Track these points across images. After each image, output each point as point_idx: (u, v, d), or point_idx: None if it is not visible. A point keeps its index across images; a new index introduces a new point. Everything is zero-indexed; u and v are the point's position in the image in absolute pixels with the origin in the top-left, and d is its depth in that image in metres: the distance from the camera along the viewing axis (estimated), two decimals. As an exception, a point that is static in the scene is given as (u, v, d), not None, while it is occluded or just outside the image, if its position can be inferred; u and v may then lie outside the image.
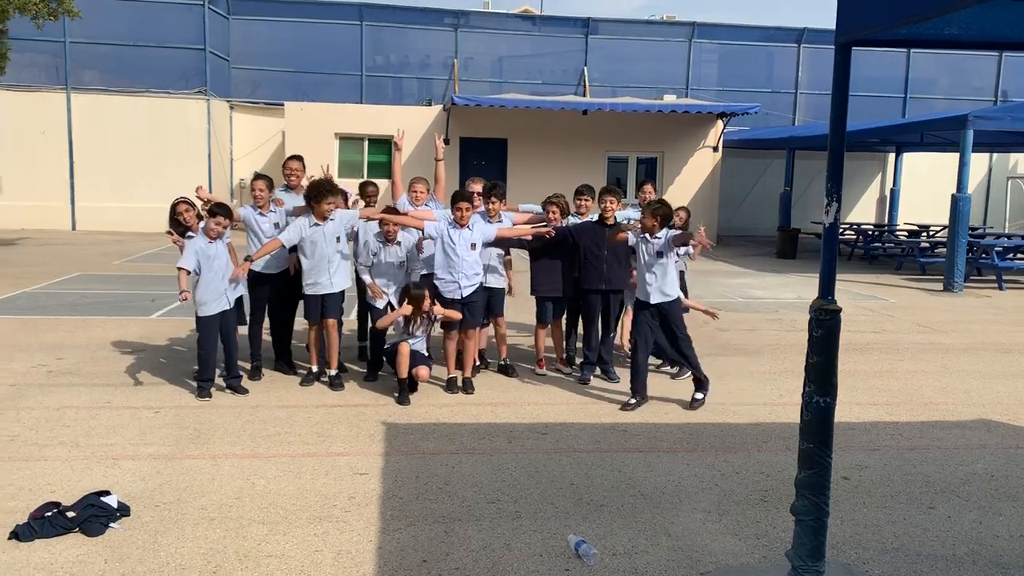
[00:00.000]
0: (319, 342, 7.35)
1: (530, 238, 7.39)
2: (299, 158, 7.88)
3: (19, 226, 20.94)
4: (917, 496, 5.13)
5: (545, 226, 7.40)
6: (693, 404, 6.87)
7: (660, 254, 6.75)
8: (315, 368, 7.36)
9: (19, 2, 14.37)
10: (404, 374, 6.81)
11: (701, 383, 6.96)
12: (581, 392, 7.34)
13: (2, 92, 20.36)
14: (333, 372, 7.27)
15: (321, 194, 6.95)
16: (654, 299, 6.79)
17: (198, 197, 7.16)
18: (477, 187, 7.72)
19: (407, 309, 6.85)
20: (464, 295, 7.12)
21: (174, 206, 7.06)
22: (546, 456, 5.67)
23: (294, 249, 7.19)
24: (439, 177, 7.81)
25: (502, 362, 7.86)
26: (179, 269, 6.72)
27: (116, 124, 21.34)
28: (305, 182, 7.75)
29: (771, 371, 8.31)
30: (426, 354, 7.16)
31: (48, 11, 15.30)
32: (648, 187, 8.60)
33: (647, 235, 6.80)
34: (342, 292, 7.26)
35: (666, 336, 6.95)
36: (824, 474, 3.76)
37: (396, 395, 6.88)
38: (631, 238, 7.01)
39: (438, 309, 7.03)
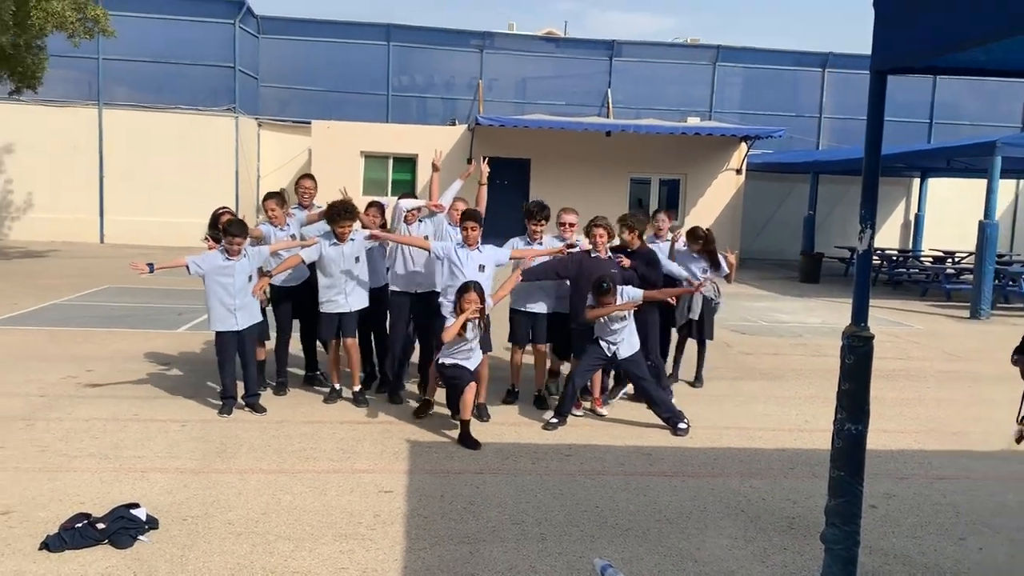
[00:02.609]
0: (338, 360, 7.36)
1: (556, 257, 7.17)
2: (311, 176, 7.93)
3: (49, 238, 21.24)
4: (947, 527, 5.07)
5: (571, 245, 7.25)
6: (677, 433, 6.73)
7: (623, 318, 6.76)
8: (337, 385, 7.38)
9: (57, 20, 14.66)
10: (468, 415, 6.34)
11: (671, 422, 6.79)
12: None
13: (36, 107, 20.72)
14: (356, 388, 7.28)
15: (333, 217, 6.97)
16: (623, 353, 6.78)
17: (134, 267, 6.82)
18: (571, 218, 7.44)
19: (466, 313, 6.26)
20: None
21: (217, 215, 7.20)
22: (570, 478, 5.65)
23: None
24: (481, 200, 7.61)
25: (536, 392, 7.51)
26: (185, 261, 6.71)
27: (146, 140, 21.65)
28: (318, 200, 7.84)
29: (796, 396, 8.25)
30: (472, 368, 6.57)
31: (84, 29, 15.58)
32: (663, 216, 8.39)
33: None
34: (357, 312, 7.22)
35: (633, 384, 6.95)
36: (855, 502, 3.74)
37: (423, 409, 6.91)
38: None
39: (498, 295, 6.75)
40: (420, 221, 7.54)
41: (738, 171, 22.33)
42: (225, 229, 6.76)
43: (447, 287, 6.85)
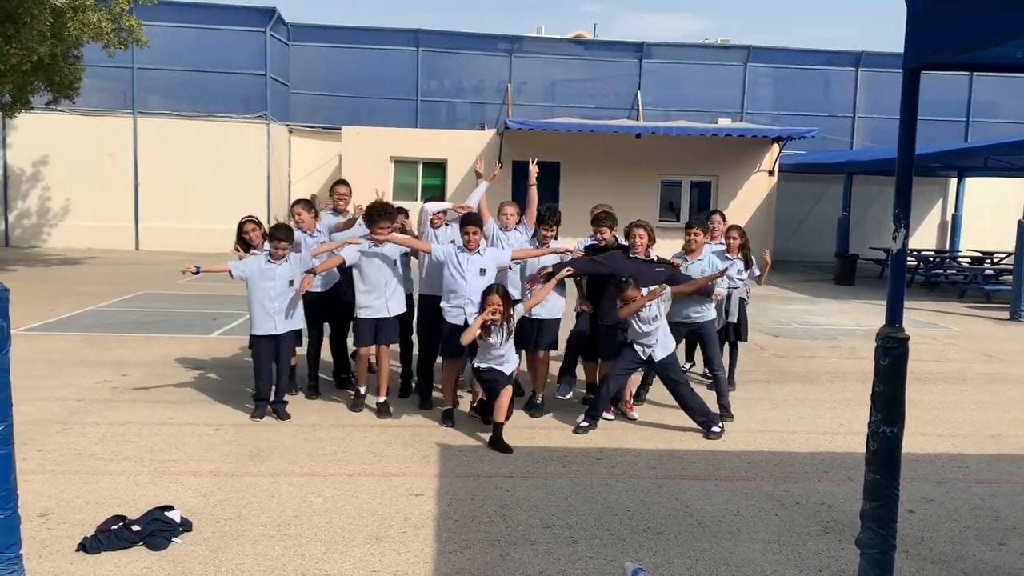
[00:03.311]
0: (367, 367, 7.25)
1: (551, 258, 7.03)
2: (345, 182, 7.94)
3: (86, 245, 21.64)
4: (986, 531, 4.97)
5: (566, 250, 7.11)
6: (710, 436, 6.68)
7: (655, 318, 6.67)
8: (363, 389, 7.26)
9: (93, 31, 14.92)
10: (502, 418, 6.28)
11: (706, 425, 6.74)
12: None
13: (73, 116, 21.13)
14: (382, 399, 7.09)
15: (372, 219, 6.84)
16: (658, 355, 6.69)
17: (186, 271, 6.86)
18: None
19: (484, 315, 6.21)
20: (470, 322, 6.58)
21: (241, 224, 7.19)
22: (601, 481, 5.62)
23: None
24: (531, 201, 7.49)
25: (535, 400, 7.33)
26: (227, 267, 6.80)
27: (180, 147, 22.00)
28: (352, 207, 7.84)
29: (831, 399, 8.14)
30: (508, 372, 6.48)
31: (119, 40, 15.85)
32: (717, 217, 8.28)
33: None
34: (397, 318, 7.16)
35: (667, 387, 6.86)
36: (891, 506, 3.67)
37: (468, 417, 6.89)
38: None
39: (530, 303, 6.64)
40: (447, 225, 7.53)
41: (770, 172, 22.13)
42: (272, 234, 6.79)
43: (449, 292, 6.79)
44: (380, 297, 6.97)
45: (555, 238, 7.23)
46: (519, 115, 23.44)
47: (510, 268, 7.27)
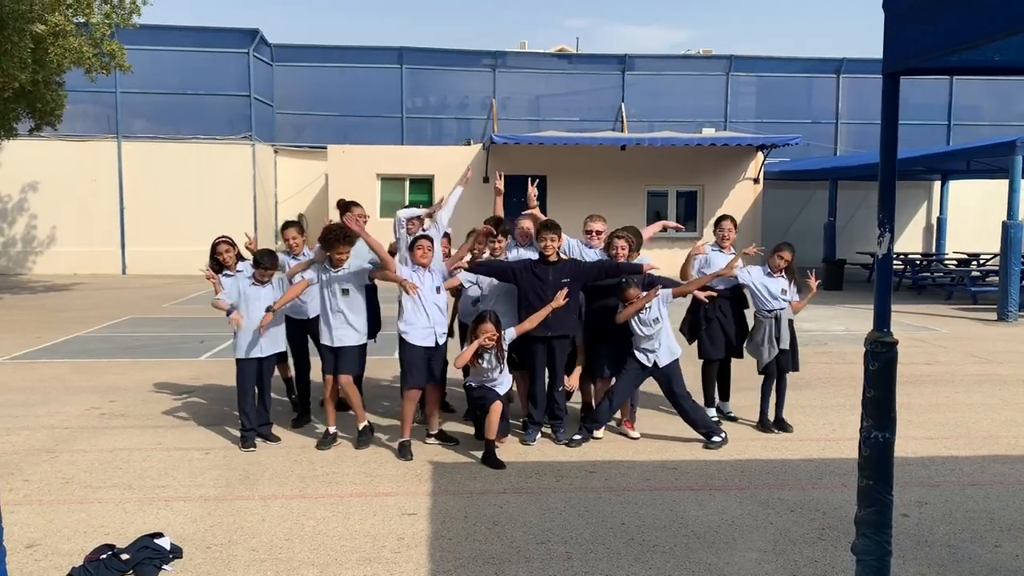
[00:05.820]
0: (335, 397, 6.78)
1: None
2: (358, 204, 7.73)
3: (73, 271, 21.51)
4: (982, 534, 4.96)
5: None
6: (710, 446, 6.65)
7: (656, 320, 6.56)
8: (332, 429, 6.80)
9: (74, 56, 14.89)
10: (493, 435, 6.24)
11: (707, 436, 6.69)
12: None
13: (57, 142, 21.06)
14: (360, 426, 6.74)
15: (331, 243, 6.53)
16: (663, 361, 6.60)
17: (247, 247, 7.17)
18: (597, 225, 7.21)
19: (478, 341, 6.18)
20: (439, 342, 6.55)
21: (215, 245, 7.01)
22: (595, 495, 5.59)
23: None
24: (537, 219, 7.30)
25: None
26: (216, 300, 6.66)
27: (165, 170, 21.94)
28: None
29: (823, 405, 8.14)
30: (500, 392, 6.42)
31: (101, 64, 15.82)
32: (728, 224, 7.80)
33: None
34: (353, 348, 6.65)
35: (666, 395, 6.80)
36: (885, 511, 3.65)
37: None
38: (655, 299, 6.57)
39: (523, 328, 6.45)
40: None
41: (756, 180, 22.24)
42: (257, 261, 6.69)
43: (405, 310, 6.51)
44: (325, 325, 6.67)
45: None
46: (504, 130, 23.50)
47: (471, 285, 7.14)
